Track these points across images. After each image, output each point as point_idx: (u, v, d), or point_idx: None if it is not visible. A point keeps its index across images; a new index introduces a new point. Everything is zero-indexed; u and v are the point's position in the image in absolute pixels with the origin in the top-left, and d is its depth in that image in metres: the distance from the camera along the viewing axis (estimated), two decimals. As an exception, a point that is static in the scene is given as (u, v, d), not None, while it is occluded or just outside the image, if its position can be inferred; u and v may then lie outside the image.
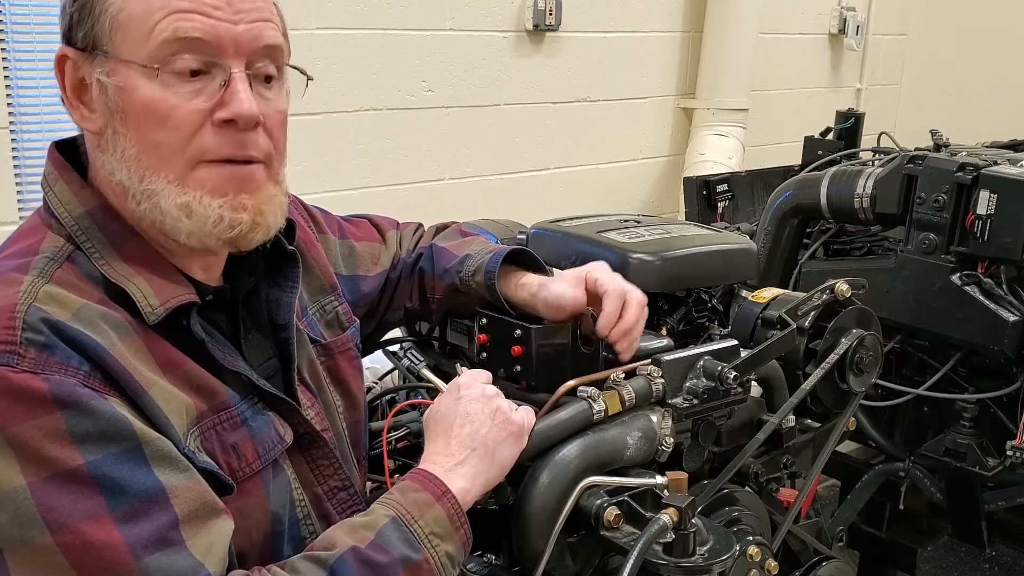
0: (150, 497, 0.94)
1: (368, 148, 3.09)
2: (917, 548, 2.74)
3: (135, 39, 1.02)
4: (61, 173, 1.09)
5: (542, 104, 3.54)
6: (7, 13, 2.41)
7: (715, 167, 3.72)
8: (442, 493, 1.11)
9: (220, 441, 1.06)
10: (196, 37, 1.02)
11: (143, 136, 1.03)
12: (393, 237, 1.57)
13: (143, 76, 1.02)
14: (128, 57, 1.02)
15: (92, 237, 1.05)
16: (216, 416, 1.06)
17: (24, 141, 2.46)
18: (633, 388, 1.28)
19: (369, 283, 1.49)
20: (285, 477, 1.14)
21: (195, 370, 1.06)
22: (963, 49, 4.86)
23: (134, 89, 1.02)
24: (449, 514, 1.10)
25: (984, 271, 2.24)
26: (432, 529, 1.08)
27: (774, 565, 1.38)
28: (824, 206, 2.48)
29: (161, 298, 1.04)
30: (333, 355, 1.30)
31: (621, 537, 1.19)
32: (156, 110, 1.02)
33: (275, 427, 1.13)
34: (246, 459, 1.08)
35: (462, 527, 1.11)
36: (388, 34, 3.06)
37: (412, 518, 1.07)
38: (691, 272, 1.69)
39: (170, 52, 1.02)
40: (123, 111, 1.03)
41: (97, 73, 1.04)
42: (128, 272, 1.04)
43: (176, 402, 1.01)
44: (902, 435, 2.64)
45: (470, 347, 1.50)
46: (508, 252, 1.45)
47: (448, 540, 1.09)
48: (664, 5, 3.89)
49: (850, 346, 1.56)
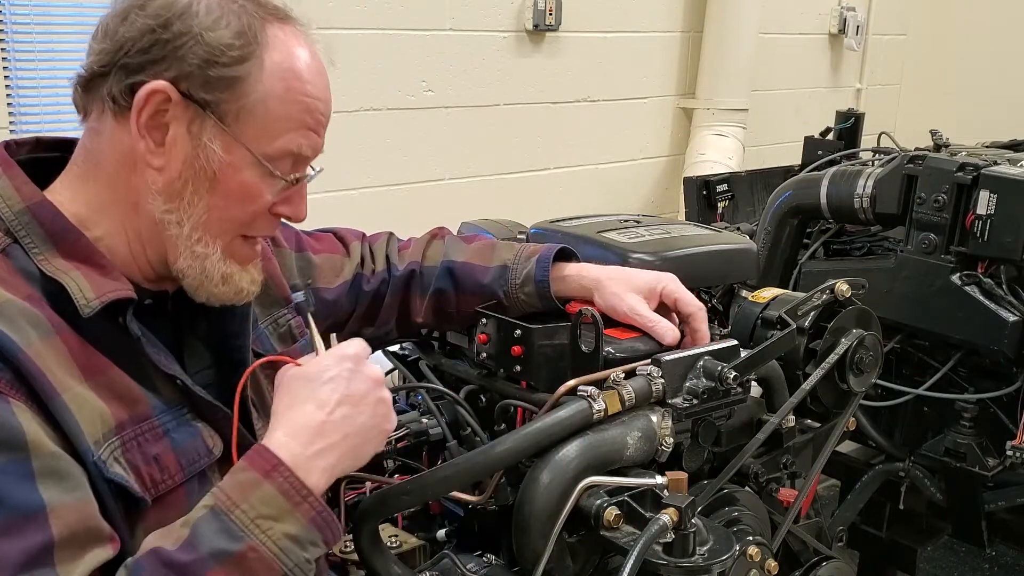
0: (27, 514, 0.90)
1: (368, 148, 3.09)
2: (917, 548, 2.74)
3: (262, 132, 1.08)
4: (5, 169, 1.08)
5: (542, 104, 3.54)
6: (7, 13, 2.41)
7: (715, 167, 3.72)
8: (271, 468, 0.99)
9: (142, 452, 1.03)
10: (307, 156, 1.13)
11: (225, 208, 1.09)
12: (357, 248, 1.54)
13: (253, 164, 1.08)
14: (248, 143, 1.07)
15: (31, 232, 1.04)
16: (137, 427, 1.04)
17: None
18: (633, 388, 1.28)
19: (329, 295, 1.47)
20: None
21: (119, 377, 1.04)
22: (963, 49, 4.86)
23: (239, 170, 1.08)
24: (283, 490, 0.98)
25: (984, 271, 2.24)
26: (260, 511, 0.97)
27: (774, 565, 1.37)
28: (824, 206, 2.48)
29: (97, 291, 1.02)
30: (279, 370, 1.27)
31: (621, 537, 1.19)
32: (249, 195, 1.10)
33: (203, 439, 1.10)
34: (168, 471, 1.05)
35: (304, 501, 0.99)
36: (388, 34, 3.06)
37: (233, 503, 0.97)
38: (691, 272, 1.69)
39: (285, 158, 1.10)
40: (215, 180, 1.08)
41: (206, 137, 1.06)
42: (65, 267, 1.03)
43: (90, 409, 0.99)
44: (902, 435, 2.64)
45: (470, 347, 1.50)
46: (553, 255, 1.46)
47: (286, 519, 0.97)
48: (664, 5, 3.89)
49: (850, 346, 1.56)
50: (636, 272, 1.47)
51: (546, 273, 1.44)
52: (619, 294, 1.42)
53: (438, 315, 1.52)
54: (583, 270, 1.46)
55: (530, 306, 1.46)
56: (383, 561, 1.24)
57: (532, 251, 1.48)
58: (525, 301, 1.46)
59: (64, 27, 2.45)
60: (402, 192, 3.20)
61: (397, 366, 1.68)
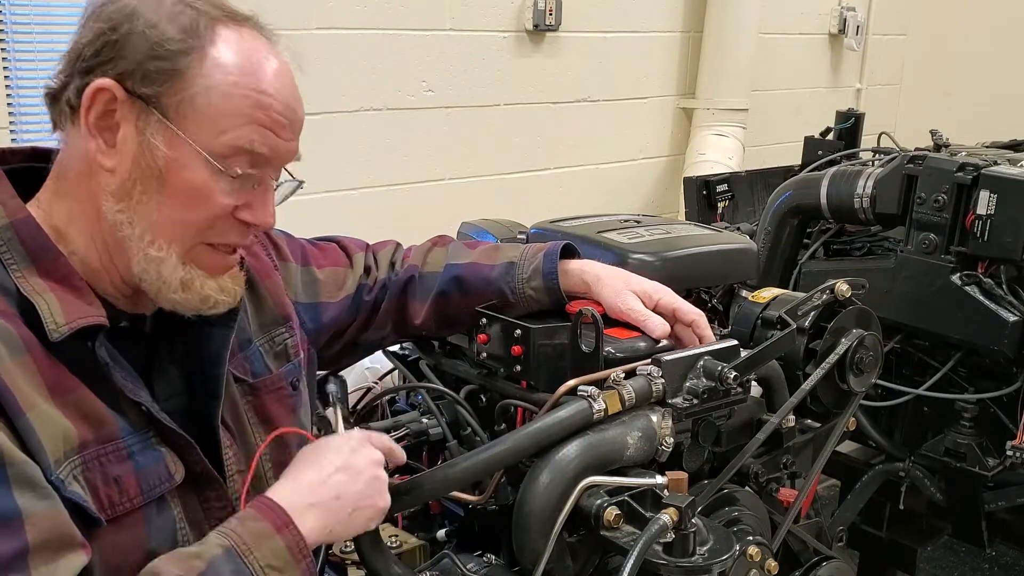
0: (2, 520, 0.92)
1: (368, 148, 3.09)
2: (917, 548, 2.74)
3: (207, 128, 1.06)
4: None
5: (542, 104, 3.54)
6: (7, 13, 2.41)
7: (715, 167, 3.72)
8: (284, 524, 1.06)
9: (103, 472, 1.04)
10: (263, 154, 1.09)
11: (174, 209, 1.08)
12: (360, 259, 1.54)
13: (200, 161, 1.06)
14: (194, 139, 1.06)
15: (12, 249, 1.05)
16: (102, 447, 1.04)
17: (24, 141, 2.46)
18: (633, 388, 1.28)
19: (332, 310, 1.47)
20: (171, 515, 1.11)
21: (87, 397, 1.04)
22: (963, 49, 4.86)
23: (185, 168, 1.06)
24: (290, 546, 1.05)
25: (984, 271, 2.24)
26: (270, 561, 1.03)
27: (774, 565, 1.37)
28: (824, 206, 2.48)
29: (68, 317, 1.03)
30: (260, 395, 1.27)
31: (621, 537, 1.19)
32: (199, 195, 1.08)
33: (166, 463, 1.10)
34: (127, 493, 1.06)
35: (304, 560, 1.06)
36: (388, 34, 3.06)
37: (248, 549, 1.03)
38: (691, 272, 1.69)
39: (235, 156, 1.08)
40: (162, 179, 1.06)
41: (149, 133, 1.05)
42: (41, 287, 1.04)
43: (54, 427, 0.99)
44: (902, 435, 2.64)
45: (470, 347, 1.50)
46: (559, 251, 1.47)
47: (288, 572, 1.04)
48: (664, 5, 3.90)
49: (850, 346, 1.56)
50: (636, 275, 1.48)
51: (554, 266, 1.45)
52: (616, 289, 1.43)
53: (440, 320, 1.52)
54: (586, 265, 1.48)
55: (535, 301, 1.46)
56: (383, 561, 1.24)
57: (538, 248, 1.50)
58: (531, 296, 1.46)
59: (64, 27, 2.45)
60: (402, 192, 3.20)
61: (397, 366, 1.68)
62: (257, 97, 1.08)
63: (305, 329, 1.41)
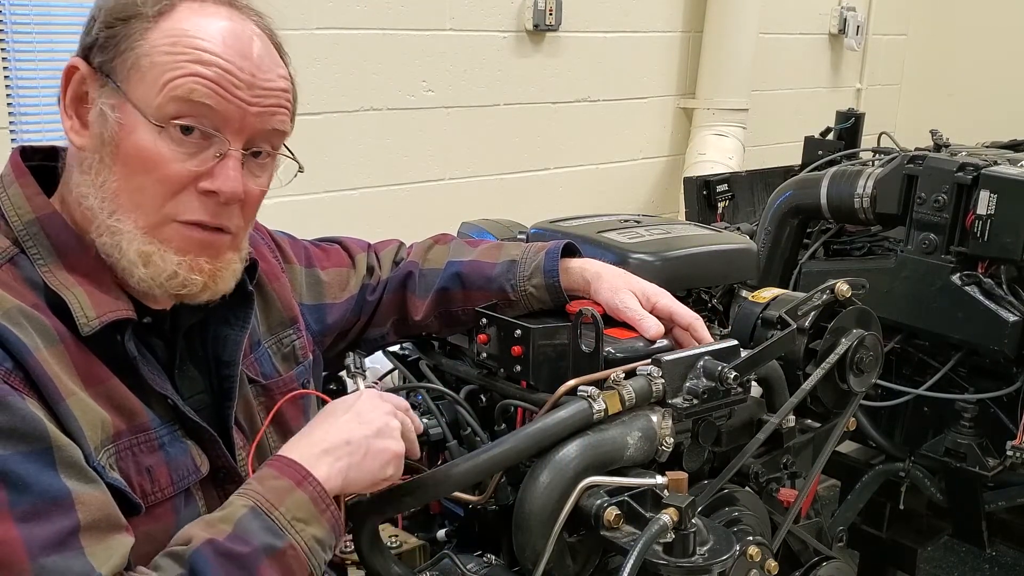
0: (54, 500, 0.94)
1: (368, 148, 3.09)
2: (917, 548, 2.74)
3: (149, 87, 1.05)
4: (17, 177, 1.10)
5: (542, 104, 3.54)
6: (7, 13, 2.41)
7: (715, 167, 3.72)
8: (303, 477, 1.07)
9: (136, 462, 1.06)
10: (206, 104, 1.06)
11: (128, 177, 1.06)
12: (363, 260, 1.55)
13: (145, 124, 1.05)
14: (137, 101, 1.05)
15: (39, 243, 1.07)
16: (135, 436, 1.06)
17: (24, 141, 2.46)
18: (633, 388, 1.28)
19: (336, 311, 1.48)
20: (196, 508, 1.13)
21: (118, 388, 1.06)
22: (963, 49, 4.86)
23: (133, 131, 1.06)
24: (312, 497, 1.06)
25: (984, 271, 2.24)
26: (295, 514, 1.04)
27: (774, 565, 1.37)
28: (824, 206, 2.48)
29: (98, 311, 1.05)
30: (273, 396, 1.29)
31: (621, 537, 1.19)
32: (147, 159, 1.06)
33: (192, 456, 1.13)
34: (159, 483, 1.08)
35: (328, 509, 1.07)
36: (388, 34, 3.06)
37: (272, 505, 1.04)
38: (691, 272, 1.69)
39: (177, 110, 1.05)
40: (116, 146, 1.06)
41: (102, 102, 1.06)
42: (69, 281, 1.05)
43: (92, 415, 1.01)
44: (902, 435, 2.64)
45: (470, 347, 1.50)
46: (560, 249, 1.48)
47: (314, 523, 1.05)
48: (664, 5, 3.89)
49: (850, 346, 1.56)
50: (636, 277, 1.49)
51: (555, 264, 1.45)
52: (615, 287, 1.43)
53: (441, 317, 1.52)
54: (586, 263, 1.49)
55: (536, 300, 1.46)
56: (383, 561, 1.24)
57: (540, 247, 1.50)
58: (532, 294, 1.46)
59: (64, 27, 2.45)
60: (402, 192, 3.20)
61: (397, 366, 1.68)
62: (198, 53, 1.06)
63: (310, 330, 1.42)
